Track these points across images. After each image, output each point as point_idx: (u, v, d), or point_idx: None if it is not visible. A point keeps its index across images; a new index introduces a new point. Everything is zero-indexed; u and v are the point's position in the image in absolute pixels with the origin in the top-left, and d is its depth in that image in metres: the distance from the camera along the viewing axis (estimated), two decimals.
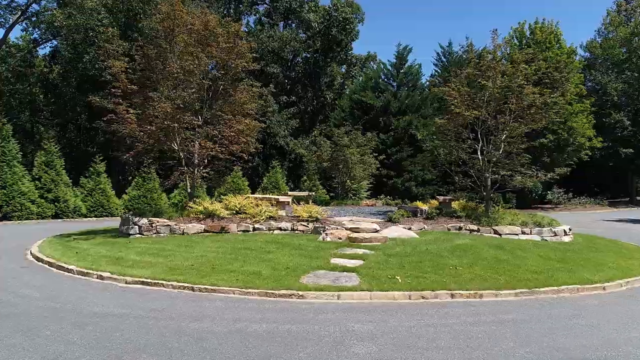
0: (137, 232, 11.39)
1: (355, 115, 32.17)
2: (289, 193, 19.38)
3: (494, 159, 12.79)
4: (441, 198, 14.80)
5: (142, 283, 7.28)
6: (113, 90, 11.63)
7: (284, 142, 36.64)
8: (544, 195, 33.18)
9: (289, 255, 8.63)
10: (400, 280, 7.11)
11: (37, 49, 36.78)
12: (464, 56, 36.20)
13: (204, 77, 12.82)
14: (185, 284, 7.01)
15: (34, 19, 32.23)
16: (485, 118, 12.88)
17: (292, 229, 11.14)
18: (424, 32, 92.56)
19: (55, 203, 21.72)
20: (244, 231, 11.11)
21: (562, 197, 33.36)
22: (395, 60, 34.93)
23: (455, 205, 14.58)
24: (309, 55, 41.94)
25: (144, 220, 11.47)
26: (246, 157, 13.44)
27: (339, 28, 38.66)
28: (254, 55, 13.70)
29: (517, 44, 31.88)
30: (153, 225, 11.35)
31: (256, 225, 11.19)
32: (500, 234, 11.37)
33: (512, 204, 29.48)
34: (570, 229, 12.24)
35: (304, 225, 11.11)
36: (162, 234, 11.18)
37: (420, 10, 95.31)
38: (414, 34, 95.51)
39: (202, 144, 12.41)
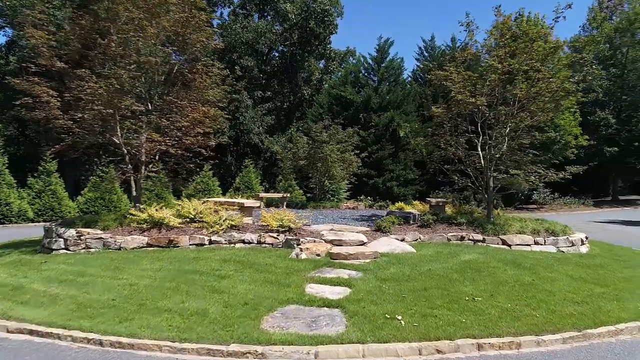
0: (62, 246, 9.02)
1: (334, 111, 30.12)
2: (261, 195, 17.19)
3: (497, 156, 10.91)
4: (433, 200, 12.88)
5: (30, 332, 4.99)
6: (25, 66, 9.20)
7: (259, 140, 34.39)
8: (529, 196, 31.92)
9: (251, 282, 6.45)
10: (403, 323, 5.04)
11: None
12: (447, 51, 34.74)
13: (153, 55, 10.51)
14: (92, 336, 4.77)
15: None
16: (486, 108, 11.02)
17: (259, 242, 8.93)
18: (405, 28, 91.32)
19: None
20: (197, 245, 8.84)
21: (547, 198, 32.21)
22: (376, 54, 33.05)
23: (448, 209, 12.70)
24: (285, 49, 39.71)
25: (71, 232, 9.09)
26: (206, 153, 11.16)
27: (317, 20, 36.58)
28: (223, 44, 11.44)
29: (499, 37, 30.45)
30: (82, 238, 8.98)
31: (214, 238, 8.93)
32: (509, 245, 9.47)
33: (498, 205, 28.15)
34: (587, 237, 10.50)
35: (273, 237, 8.91)
36: (92, 249, 8.83)
37: (401, 8, 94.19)
38: (394, 31, 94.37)
39: (150, 137, 10.07)
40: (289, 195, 18.86)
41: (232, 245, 8.85)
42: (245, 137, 34.14)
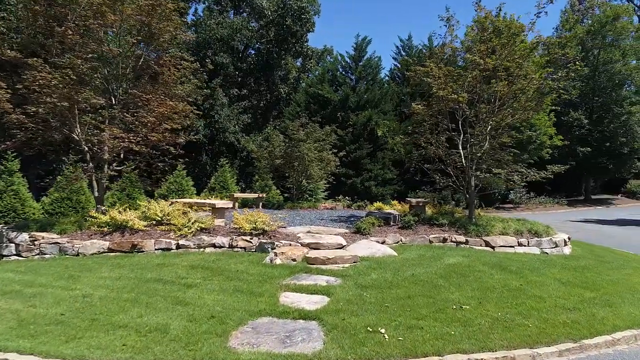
0: (13, 252, 8.21)
1: (312, 110, 29.63)
2: (236, 195, 16.54)
3: (479, 155, 10.62)
4: (413, 201, 12.50)
5: None
6: None
7: (235, 139, 33.55)
8: (506, 195, 32.17)
9: (220, 291, 5.86)
10: (386, 337, 4.56)
11: None
12: (424, 50, 34.71)
13: (117, 45, 9.77)
14: (31, 359, 4.12)
15: None
16: (467, 105, 10.72)
17: (231, 246, 8.31)
18: (384, 27, 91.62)
19: None
20: (164, 250, 8.15)
21: (524, 197, 32.55)
22: (353, 52, 32.73)
23: (429, 209, 12.37)
24: (262, 47, 38.92)
25: (24, 237, 8.28)
26: (175, 151, 10.47)
27: (294, 17, 35.97)
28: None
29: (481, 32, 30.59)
30: (36, 243, 8.19)
31: (182, 242, 8.26)
32: (493, 247, 9.16)
33: (478, 205, 28.23)
34: (569, 238, 10.31)
35: (246, 240, 8.31)
36: (47, 256, 8.05)
37: (380, 7, 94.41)
38: (373, 30, 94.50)
39: (112, 133, 9.31)
40: (265, 195, 18.25)
41: (202, 249, 8.21)
42: (221, 136, 33.27)
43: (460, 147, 10.91)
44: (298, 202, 17.29)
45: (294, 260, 7.38)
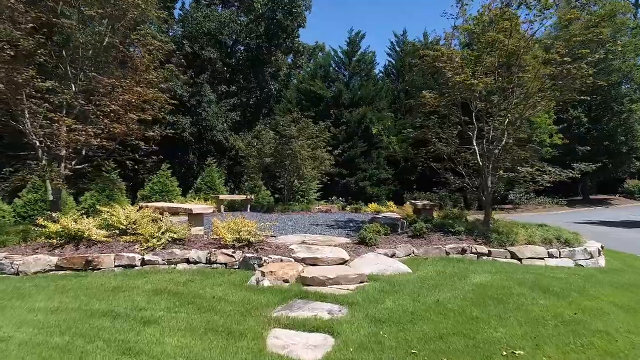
0: None
1: (304, 107, 28.18)
2: (221, 197, 15.04)
3: (496, 151, 9.26)
4: (419, 203, 11.12)
5: None
6: None
7: (223, 137, 31.94)
8: (505, 196, 31.02)
9: (186, 331, 4.38)
10: None
11: None
12: (419, 46, 33.45)
13: (79, 21, 8.22)
14: None
15: None
16: (484, 95, 9.38)
17: (209, 262, 6.81)
18: (377, 23, 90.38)
19: None
20: (125, 267, 6.63)
21: (523, 198, 31.44)
22: (347, 47, 31.32)
23: (435, 214, 11.01)
24: (251, 42, 37.33)
25: None
26: (146, 147, 8.93)
27: (285, 12, 34.48)
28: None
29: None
30: None
31: (148, 257, 6.74)
32: (520, 259, 7.78)
33: (474, 206, 27.12)
34: (603, 247, 8.99)
35: (227, 254, 6.82)
36: None
37: (373, 1, 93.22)
38: (366, 26, 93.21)
39: (68, 124, 7.75)
40: (254, 197, 16.75)
41: (173, 266, 6.70)
42: (209, 134, 31.71)
43: (475, 143, 9.53)
44: (289, 204, 15.84)
45: (286, 281, 5.90)
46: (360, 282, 5.90)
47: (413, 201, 12.11)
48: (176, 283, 5.78)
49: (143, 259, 6.66)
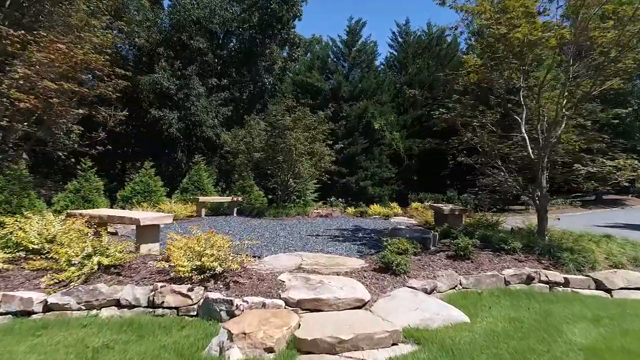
0: None
1: (300, 100, 25.91)
2: (201, 199, 12.76)
3: (553, 140, 7.01)
4: (446, 208, 8.86)
5: None
6: None
7: (214, 133, 29.63)
8: (518, 196, 28.80)
9: None
10: None
11: None
12: (422, 37, 31.28)
13: None
14: None
15: None
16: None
17: (151, 305, 4.46)
18: (378, 14, 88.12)
19: None
20: (17, 315, 4.30)
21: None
22: (346, 37, 29.00)
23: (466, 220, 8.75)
24: (244, 33, 35.02)
25: None
26: (78, 132, 6.58)
27: (280, 0, 32.22)
28: None
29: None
30: None
31: (54, 298, 4.37)
32: (609, 290, 5.52)
33: (485, 209, 24.94)
34: None
35: (180, 293, 4.46)
36: None
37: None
38: (367, 17, 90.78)
39: None
40: (242, 198, 14.43)
41: (94, 312, 4.36)
42: (198, 130, 29.43)
43: (523, 130, 7.26)
44: (284, 206, 13.57)
45: (269, 350, 3.56)
46: (393, 344, 3.60)
47: (437, 205, 9.82)
48: (82, 353, 3.43)
49: (46, 301, 4.30)
